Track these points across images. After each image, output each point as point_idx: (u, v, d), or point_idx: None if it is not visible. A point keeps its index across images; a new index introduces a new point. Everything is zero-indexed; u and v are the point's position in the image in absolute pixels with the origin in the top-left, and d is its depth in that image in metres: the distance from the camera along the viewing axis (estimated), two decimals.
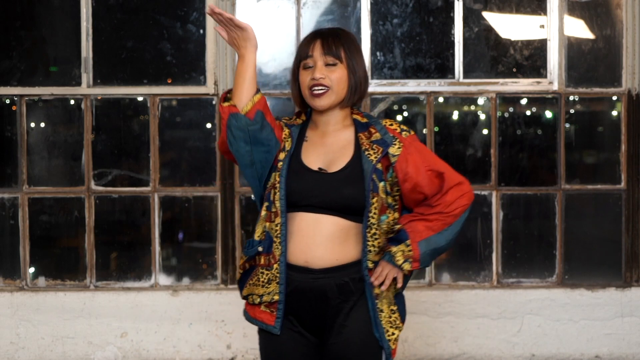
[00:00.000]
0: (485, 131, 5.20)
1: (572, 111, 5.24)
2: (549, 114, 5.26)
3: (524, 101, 5.24)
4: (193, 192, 5.19)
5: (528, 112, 5.27)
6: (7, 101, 5.21)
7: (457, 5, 5.13)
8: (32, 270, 5.20)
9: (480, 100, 5.22)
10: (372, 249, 2.57)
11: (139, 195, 5.18)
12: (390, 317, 2.60)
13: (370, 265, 2.58)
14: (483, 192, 5.18)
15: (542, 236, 5.23)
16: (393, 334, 2.59)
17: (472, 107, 5.27)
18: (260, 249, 2.58)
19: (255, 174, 2.59)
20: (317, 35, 2.63)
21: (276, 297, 2.57)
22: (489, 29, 5.18)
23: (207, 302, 5.07)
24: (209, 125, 5.19)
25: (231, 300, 5.04)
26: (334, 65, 2.59)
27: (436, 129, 5.19)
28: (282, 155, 2.59)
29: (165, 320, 5.08)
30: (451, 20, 5.14)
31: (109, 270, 5.22)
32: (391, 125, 2.62)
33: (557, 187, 5.18)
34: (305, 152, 2.62)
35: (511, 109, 5.24)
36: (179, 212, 5.24)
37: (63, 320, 5.08)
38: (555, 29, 5.10)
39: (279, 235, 2.55)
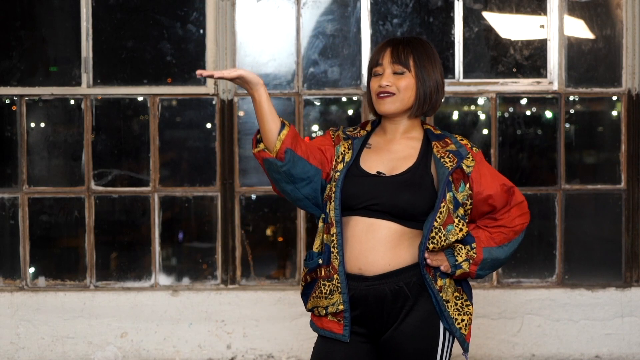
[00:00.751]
0: (485, 131, 5.20)
1: (572, 111, 5.24)
2: (549, 114, 5.26)
3: (524, 101, 5.24)
4: (193, 192, 5.19)
5: (528, 112, 5.27)
6: (7, 101, 5.21)
7: (457, 5, 5.13)
8: (32, 270, 5.20)
9: (480, 100, 5.22)
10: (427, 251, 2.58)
11: (139, 195, 5.18)
12: (456, 304, 2.64)
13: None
14: None
15: (542, 236, 5.23)
16: (463, 320, 2.63)
17: (472, 107, 5.27)
18: (320, 261, 2.61)
19: (308, 203, 2.64)
20: (389, 43, 2.66)
21: (341, 307, 2.58)
22: (489, 29, 5.18)
23: (207, 302, 5.07)
24: (209, 125, 5.19)
25: (231, 300, 5.05)
26: (401, 74, 2.62)
27: None
28: (340, 167, 2.61)
29: (165, 320, 5.08)
30: (451, 20, 5.14)
31: (109, 270, 5.22)
32: (462, 140, 2.67)
33: (557, 187, 5.18)
34: (365, 158, 2.64)
35: (511, 109, 5.24)
36: (179, 212, 5.24)
37: (63, 320, 5.08)
38: (555, 29, 5.11)
39: (335, 246, 2.57)
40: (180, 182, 5.22)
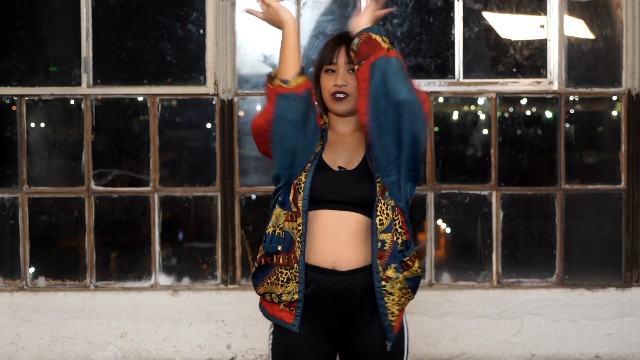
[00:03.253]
0: (485, 131, 5.20)
1: (572, 111, 5.24)
2: (549, 114, 5.26)
3: (524, 101, 5.24)
4: (193, 192, 5.19)
5: (528, 112, 5.27)
6: (7, 101, 5.21)
7: (457, 5, 5.13)
8: (32, 270, 5.20)
9: (480, 100, 5.22)
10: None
11: (139, 195, 5.18)
12: (399, 299, 2.61)
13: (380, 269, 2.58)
14: (483, 192, 5.18)
15: (542, 236, 5.23)
16: (396, 313, 2.60)
17: (472, 107, 5.27)
18: (279, 247, 2.59)
19: (290, 161, 2.57)
20: (342, 40, 2.66)
21: (296, 297, 2.58)
22: (489, 29, 5.18)
23: (207, 302, 5.07)
24: (209, 125, 5.19)
25: (231, 300, 5.04)
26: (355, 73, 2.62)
27: (436, 129, 5.19)
28: (310, 157, 2.61)
29: (165, 320, 5.08)
30: (451, 20, 5.14)
31: (109, 270, 5.22)
32: None
33: (557, 187, 5.18)
34: (326, 152, 2.64)
35: (511, 109, 5.24)
36: (179, 212, 5.24)
37: (63, 320, 5.08)
38: (555, 29, 5.11)
39: (300, 236, 2.56)
40: (180, 182, 5.22)
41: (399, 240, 2.58)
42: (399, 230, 2.59)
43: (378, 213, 2.56)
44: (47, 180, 5.22)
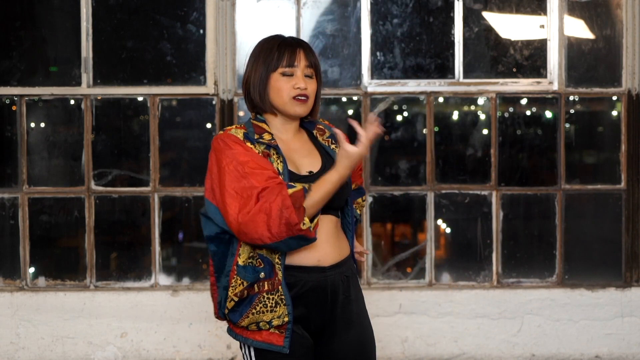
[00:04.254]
0: (485, 131, 5.20)
1: (572, 111, 5.24)
2: (549, 114, 5.26)
3: (524, 101, 5.24)
4: (193, 192, 5.19)
5: (528, 112, 5.27)
6: (7, 101, 5.21)
7: (457, 5, 5.13)
8: (32, 270, 5.20)
9: (480, 100, 5.22)
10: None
11: (139, 195, 5.19)
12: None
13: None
14: (483, 192, 5.18)
15: (542, 236, 5.23)
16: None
17: (472, 107, 5.27)
18: (262, 275, 2.56)
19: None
20: (299, 45, 2.68)
21: (286, 319, 2.57)
22: (489, 29, 5.18)
23: (207, 302, 5.06)
24: (209, 125, 5.19)
25: None
26: (311, 77, 2.68)
27: (436, 129, 5.19)
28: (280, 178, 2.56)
29: (165, 320, 5.08)
30: (451, 20, 5.14)
31: (109, 270, 5.22)
32: (324, 121, 2.84)
33: (557, 187, 5.18)
34: (289, 164, 2.63)
35: (511, 109, 5.24)
36: (179, 212, 5.24)
37: (63, 320, 5.08)
38: (555, 29, 5.11)
39: (280, 257, 2.55)
40: (180, 182, 5.22)
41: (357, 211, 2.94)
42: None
43: (348, 209, 2.73)
44: (47, 180, 5.22)
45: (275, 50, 2.65)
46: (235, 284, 2.57)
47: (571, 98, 5.19)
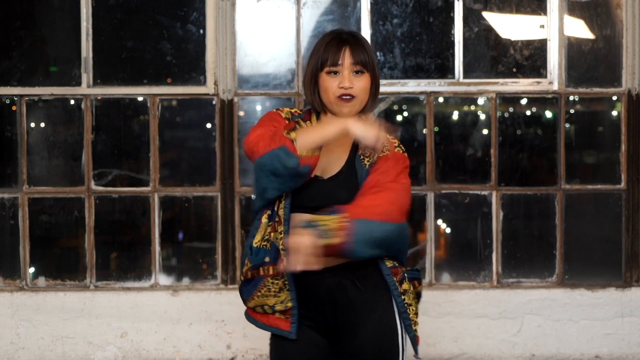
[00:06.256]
0: (485, 131, 5.21)
1: (572, 111, 5.24)
2: (549, 114, 5.26)
3: (524, 101, 5.24)
4: (193, 192, 5.19)
5: (528, 112, 5.27)
6: (7, 101, 5.21)
7: (457, 5, 5.13)
8: (32, 270, 5.20)
9: (480, 100, 5.22)
10: None
11: (139, 195, 5.18)
12: (416, 308, 2.66)
13: (389, 264, 2.63)
14: (483, 192, 5.18)
15: (542, 236, 5.23)
16: (416, 322, 2.65)
17: (472, 107, 5.27)
18: (267, 259, 2.58)
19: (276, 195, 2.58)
20: (345, 42, 2.62)
21: (289, 304, 2.58)
22: (489, 29, 5.18)
23: (207, 302, 5.07)
24: (209, 125, 5.19)
25: (231, 300, 5.04)
26: (360, 73, 2.61)
27: (436, 129, 5.19)
28: None
29: (165, 320, 5.08)
30: (451, 20, 5.14)
31: (109, 270, 5.22)
32: (392, 139, 2.68)
33: (557, 187, 5.18)
34: None
35: (511, 109, 5.24)
36: (179, 212, 5.24)
37: (63, 320, 5.08)
38: (555, 29, 5.11)
39: (284, 243, 2.55)
40: (180, 182, 5.22)
41: None
42: None
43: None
44: (47, 180, 5.22)
45: (322, 49, 2.62)
46: (247, 263, 2.63)
47: (571, 98, 5.19)
